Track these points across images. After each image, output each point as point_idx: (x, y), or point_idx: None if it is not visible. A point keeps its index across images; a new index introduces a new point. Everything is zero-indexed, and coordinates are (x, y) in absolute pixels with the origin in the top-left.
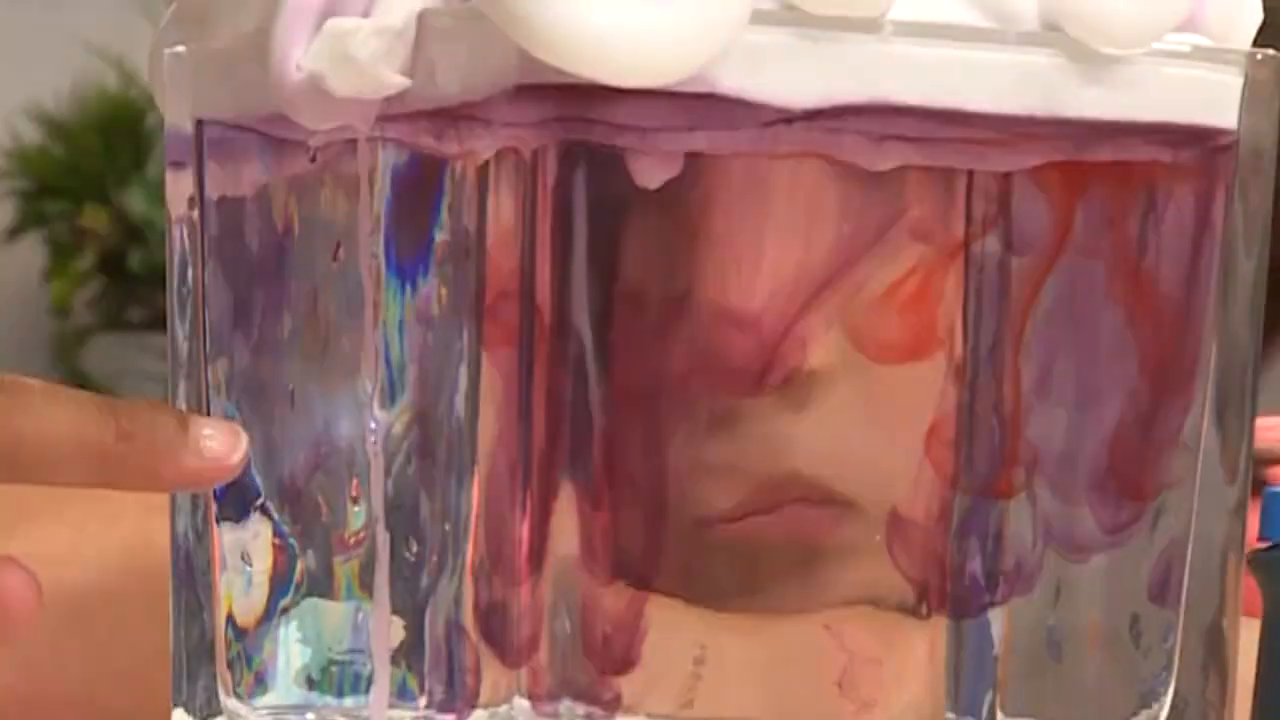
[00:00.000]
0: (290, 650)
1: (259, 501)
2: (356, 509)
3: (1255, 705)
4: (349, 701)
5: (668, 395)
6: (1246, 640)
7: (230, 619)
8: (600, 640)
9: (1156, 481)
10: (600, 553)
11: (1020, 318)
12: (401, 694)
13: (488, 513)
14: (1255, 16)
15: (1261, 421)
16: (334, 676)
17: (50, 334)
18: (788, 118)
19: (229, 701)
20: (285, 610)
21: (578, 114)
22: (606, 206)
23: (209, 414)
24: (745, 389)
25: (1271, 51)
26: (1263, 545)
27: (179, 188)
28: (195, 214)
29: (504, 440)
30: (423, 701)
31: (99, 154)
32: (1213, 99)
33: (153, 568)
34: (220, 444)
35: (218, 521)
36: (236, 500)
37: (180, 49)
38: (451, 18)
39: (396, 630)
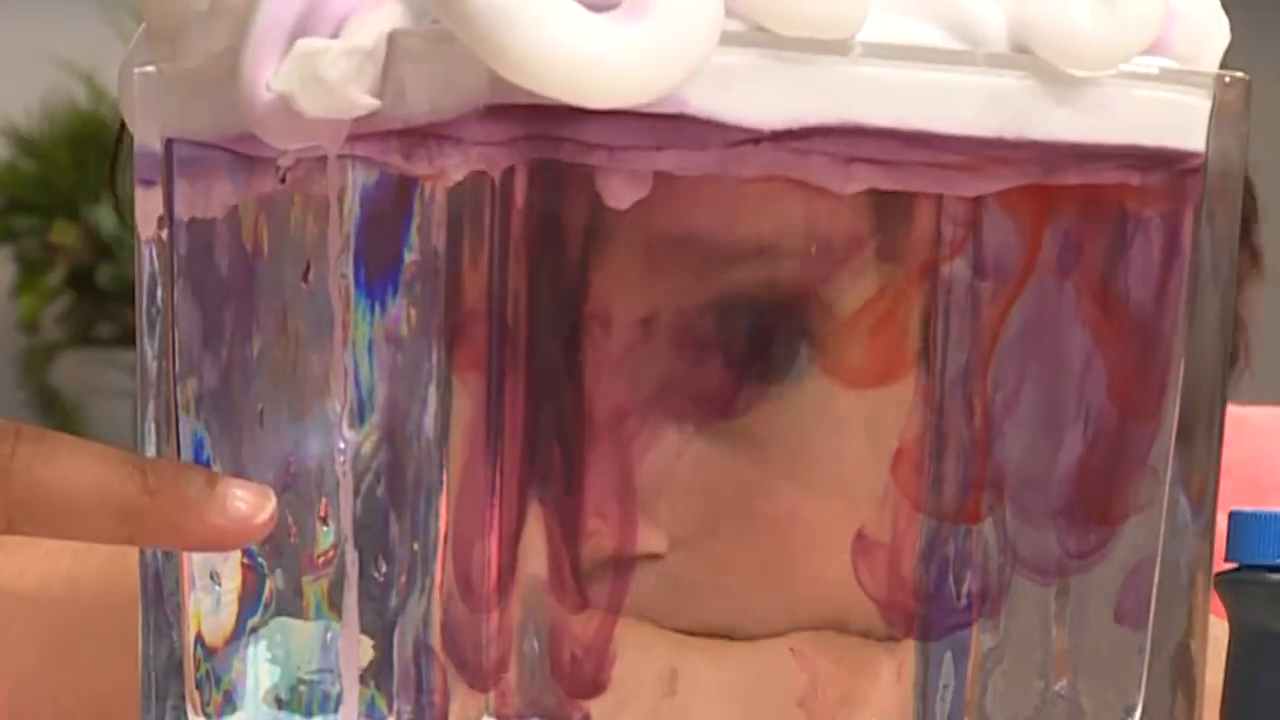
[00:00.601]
0: (259, 670)
1: None
2: (325, 529)
3: None
4: None
5: (636, 417)
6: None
7: (199, 638)
8: (569, 664)
9: (1125, 504)
10: (569, 576)
11: (989, 341)
12: (370, 714)
13: (456, 533)
14: (1223, 39)
15: None
16: (303, 696)
17: (19, 349)
18: (755, 138)
19: None
20: (254, 630)
21: (547, 133)
22: (575, 227)
23: (177, 433)
24: (714, 412)
25: (1239, 74)
26: (1230, 567)
27: (148, 207)
28: (165, 233)
29: (473, 460)
30: None
31: (69, 170)
32: (1181, 121)
33: (128, 597)
34: (247, 504)
35: None
36: None
37: (150, 68)
38: (421, 39)
39: (365, 650)
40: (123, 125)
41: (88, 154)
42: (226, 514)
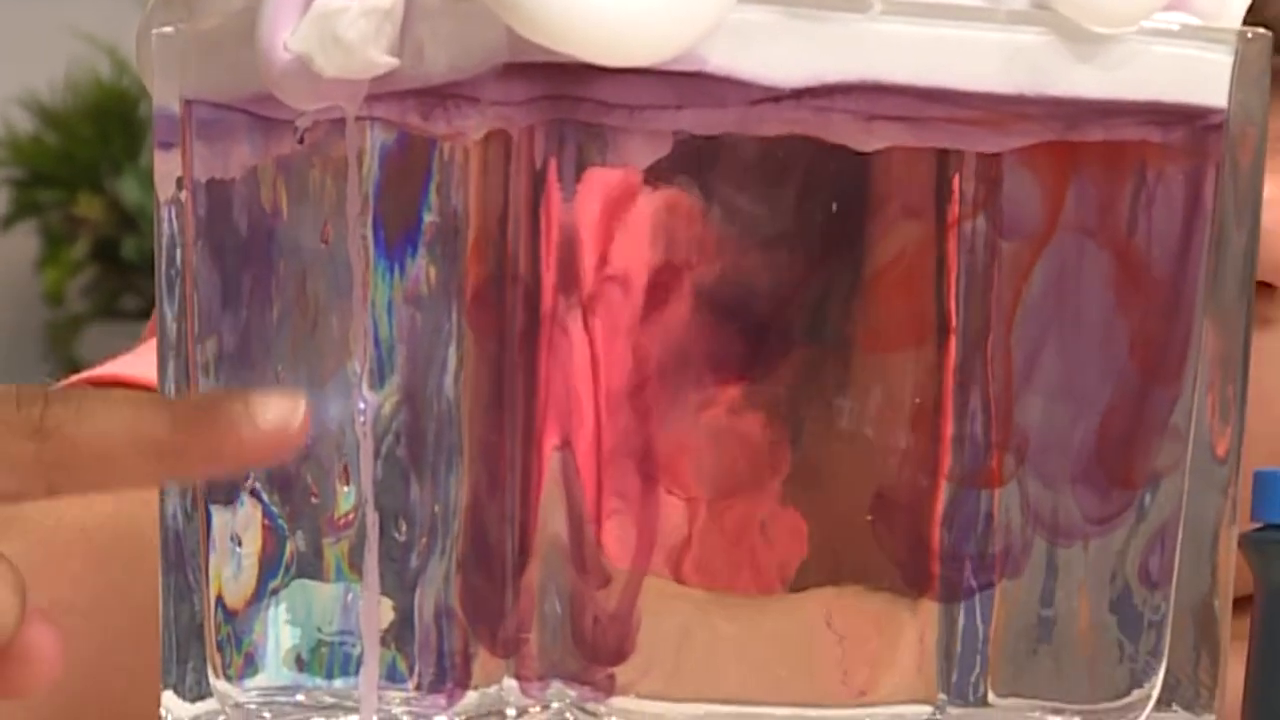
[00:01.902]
0: (280, 632)
1: (248, 483)
2: (346, 490)
3: (1248, 685)
4: (339, 683)
5: (656, 379)
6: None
7: (220, 601)
8: (592, 630)
9: (1148, 464)
10: (591, 548)
11: (1011, 301)
12: (391, 675)
13: (475, 495)
14: None
15: None
16: (324, 658)
17: (44, 323)
18: (775, 96)
19: (218, 683)
20: (275, 592)
21: (566, 92)
22: (595, 187)
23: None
24: (734, 374)
25: (1261, 29)
26: (1255, 526)
27: (167, 168)
28: (183, 195)
29: (492, 421)
30: (412, 683)
31: (92, 142)
32: (1203, 77)
33: (138, 556)
34: (277, 413)
35: (207, 503)
36: (226, 482)
37: (168, 29)
38: None
39: (386, 612)
40: None
41: (111, 126)
42: (258, 428)
